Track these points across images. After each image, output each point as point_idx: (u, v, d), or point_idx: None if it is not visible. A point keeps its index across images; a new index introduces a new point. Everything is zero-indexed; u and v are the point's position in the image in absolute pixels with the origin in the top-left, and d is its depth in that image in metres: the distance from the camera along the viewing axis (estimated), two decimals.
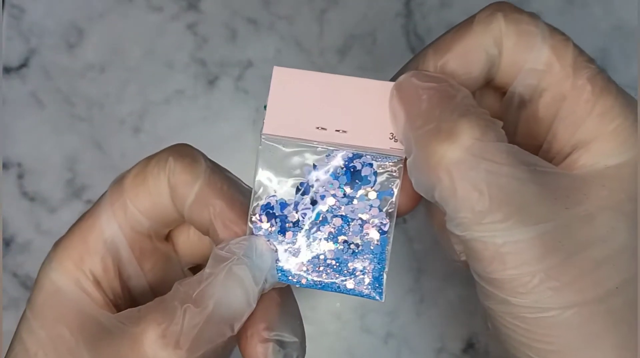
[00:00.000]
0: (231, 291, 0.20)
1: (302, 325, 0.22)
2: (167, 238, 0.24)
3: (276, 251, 0.21)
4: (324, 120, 0.21)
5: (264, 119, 0.21)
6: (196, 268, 0.26)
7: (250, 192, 0.22)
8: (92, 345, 0.20)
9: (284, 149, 0.21)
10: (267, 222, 0.21)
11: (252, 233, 0.21)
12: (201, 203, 0.21)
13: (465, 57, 0.21)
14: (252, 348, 0.21)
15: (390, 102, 0.21)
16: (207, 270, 0.20)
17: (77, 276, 0.21)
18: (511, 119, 0.22)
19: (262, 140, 0.21)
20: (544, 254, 0.18)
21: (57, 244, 0.22)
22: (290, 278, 0.21)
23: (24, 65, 0.39)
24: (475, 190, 0.18)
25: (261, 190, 0.21)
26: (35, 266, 0.38)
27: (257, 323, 0.21)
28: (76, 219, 0.23)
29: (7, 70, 0.39)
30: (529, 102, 0.22)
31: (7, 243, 0.38)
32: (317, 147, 0.21)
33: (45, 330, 0.21)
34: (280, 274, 0.21)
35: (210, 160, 0.23)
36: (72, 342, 0.20)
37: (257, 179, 0.21)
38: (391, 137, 0.21)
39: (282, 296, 0.22)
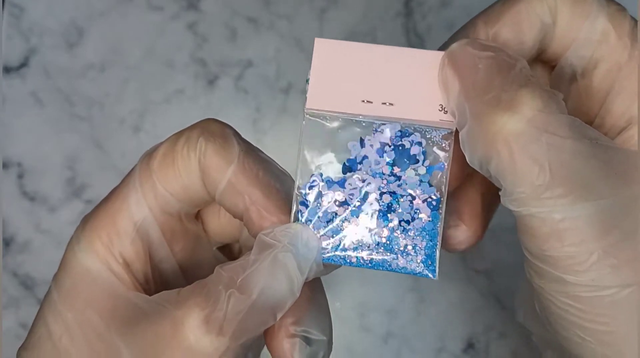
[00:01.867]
0: (276, 279, 0.19)
1: (331, 323, 0.22)
2: (197, 217, 0.24)
3: (324, 233, 0.20)
4: (370, 93, 0.20)
5: (306, 93, 0.20)
6: (225, 248, 0.26)
7: (285, 174, 0.21)
8: (126, 329, 0.20)
9: (328, 124, 0.20)
10: (315, 201, 0.20)
11: (297, 213, 0.20)
12: (235, 189, 0.21)
13: (518, 26, 0.20)
14: (278, 342, 0.20)
15: (442, 72, 0.20)
16: (252, 256, 0.19)
17: (106, 258, 0.21)
18: (563, 92, 0.21)
19: (306, 115, 0.20)
20: (604, 231, 0.17)
21: (84, 223, 0.22)
22: (339, 258, 0.20)
23: (24, 64, 0.39)
24: (535, 164, 0.17)
25: (306, 168, 0.20)
26: (35, 265, 0.38)
27: (286, 316, 0.20)
28: (104, 198, 0.22)
29: (7, 70, 0.39)
30: (581, 75, 0.21)
31: (7, 242, 0.38)
32: (363, 121, 0.20)
33: (73, 314, 0.20)
34: (329, 254, 0.20)
35: (242, 139, 0.22)
36: (102, 326, 0.20)
37: (301, 156, 0.20)
38: (440, 109, 0.20)
39: (312, 291, 0.21)
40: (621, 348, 0.18)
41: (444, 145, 0.20)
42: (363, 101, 0.20)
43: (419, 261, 0.21)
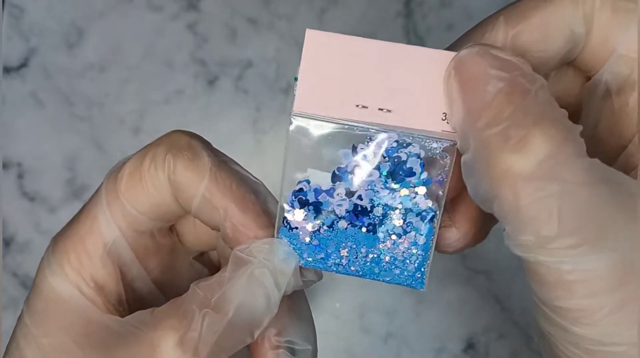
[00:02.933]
0: (252, 297, 0.18)
1: (314, 331, 0.21)
2: (171, 228, 0.23)
3: (310, 241, 0.20)
4: (366, 96, 0.18)
5: (294, 93, 0.18)
6: (203, 256, 0.25)
7: (260, 185, 0.21)
8: (102, 353, 0.19)
9: (317, 130, 0.18)
10: (300, 209, 0.19)
11: (282, 220, 0.19)
12: (209, 204, 0.20)
13: (544, 31, 0.18)
14: (262, 355, 0.20)
15: (447, 83, 0.17)
16: (227, 273, 0.19)
17: (77, 281, 0.20)
18: (593, 110, 0.19)
19: (292, 120, 0.18)
20: (617, 284, 0.15)
21: (54, 245, 0.21)
22: (326, 266, 0.20)
23: (24, 65, 0.39)
24: (543, 213, 0.15)
25: (292, 175, 0.19)
26: (35, 265, 0.38)
27: (269, 328, 0.19)
28: (72, 218, 0.22)
29: (7, 70, 0.39)
30: (616, 94, 0.19)
31: (7, 242, 0.38)
32: (357, 129, 0.18)
33: (47, 339, 0.20)
34: (317, 263, 0.20)
35: (213, 149, 0.21)
36: (77, 352, 0.19)
37: (287, 163, 0.19)
38: (444, 118, 0.18)
39: (294, 301, 0.21)
40: None
41: (444, 158, 0.18)
42: (358, 106, 0.18)
43: (407, 273, 0.20)
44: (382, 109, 0.18)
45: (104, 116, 0.39)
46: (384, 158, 0.19)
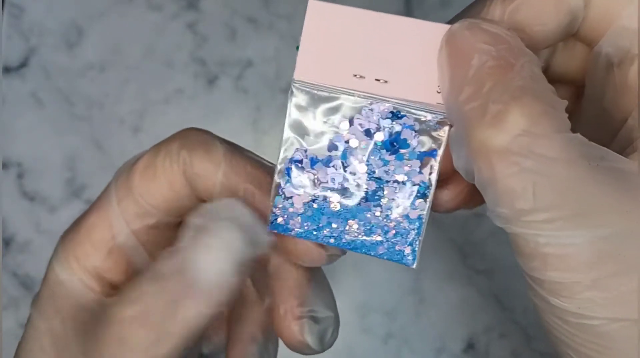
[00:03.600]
0: (204, 263, 0.18)
1: (334, 299, 0.21)
2: (180, 221, 0.23)
3: (303, 211, 0.20)
4: (364, 67, 0.18)
5: (296, 61, 0.19)
6: None
7: (270, 166, 0.21)
8: (81, 334, 0.20)
9: (316, 98, 0.19)
10: (296, 178, 0.19)
11: (278, 188, 0.20)
12: (228, 189, 0.20)
13: (542, 5, 0.18)
14: (287, 326, 0.20)
15: (439, 56, 0.18)
16: (180, 241, 0.19)
17: (80, 272, 0.21)
18: (598, 82, 0.19)
19: (293, 87, 0.19)
20: (596, 262, 0.15)
21: (63, 238, 0.22)
22: (318, 237, 0.20)
23: (23, 64, 0.39)
24: (518, 186, 0.16)
25: (290, 143, 0.19)
26: (35, 265, 0.38)
27: (290, 299, 0.20)
28: (83, 212, 0.22)
29: (7, 70, 0.39)
30: (617, 67, 0.18)
31: (7, 242, 0.38)
32: (354, 97, 0.19)
33: (44, 323, 0.20)
34: (309, 234, 0.20)
35: (224, 140, 0.21)
36: (63, 332, 0.20)
37: (286, 130, 0.19)
38: (439, 91, 0.18)
39: (312, 273, 0.21)
40: None
41: (438, 131, 0.18)
42: (355, 76, 0.18)
43: (399, 248, 0.20)
44: (378, 80, 0.18)
45: (104, 116, 0.39)
46: (379, 128, 0.19)
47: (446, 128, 0.19)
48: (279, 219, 0.20)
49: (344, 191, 0.19)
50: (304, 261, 0.21)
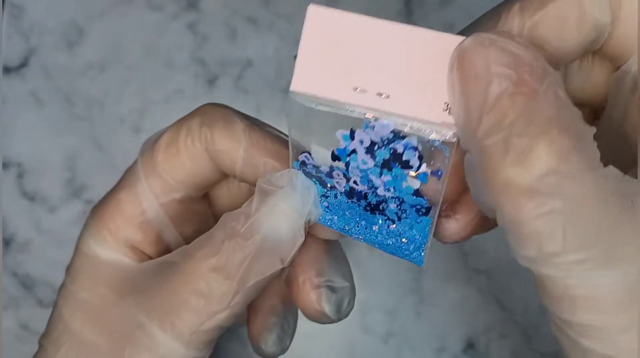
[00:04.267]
0: (277, 224, 0.19)
1: (350, 270, 0.22)
2: (205, 195, 0.24)
3: (322, 203, 0.20)
4: (365, 79, 0.17)
5: (293, 71, 0.18)
6: None
7: (287, 140, 0.21)
8: (137, 294, 0.20)
9: (314, 110, 0.17)
10: (306, 178, 0.20)
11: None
12: (251, 164, 0.21)
13: (564, 20, 0.16)
14: (305, 295, 0.21)
15: (450, 74, 0.16)
16: (254, 204, 0.20)
17: (114, 244, 0.22)
18: (620, 104, 0.18)
19: (290, 98, 0.17)
20: (629, 304, 0.14)
21: (93, 214, 0.22)
22: (335, 227, 0.20)
23: (23, 64, 0.39)
24: (546, 228, 0.14)
25: (297, 147, 0.19)
26: (35, 265, 0.38)
27: (308, 270, 0.21)
28: (109, 191, 0.23)
29: (7, 69, 0.39)
30: None
31: (7, 242, 0.38)
32: (354, 113, 0.17)
33: (83, 293, 0.21)
34: (326, 223, 0.20)
35: (244, 115, 0.22)
36: (114, 297, 0.21)
37: (290, 136, 0.19)
38: (446, 108, 0.16)
39: (328, 244, 0.22)
40: None
41: (443, 151, 0.17)
42: (356, 89, 0.17)
43: (407, 251, 0.20)
44: (380, 94, 0.17)
45: (104, 116, 0.39)
46: (380, 147, 0.17)
47: (451, 148, 0.17)
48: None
49: (351, 194, 0.20)
50: (322, 234, 0.22)
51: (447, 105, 0.16)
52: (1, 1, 0.39)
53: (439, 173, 0.17)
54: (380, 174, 0.18)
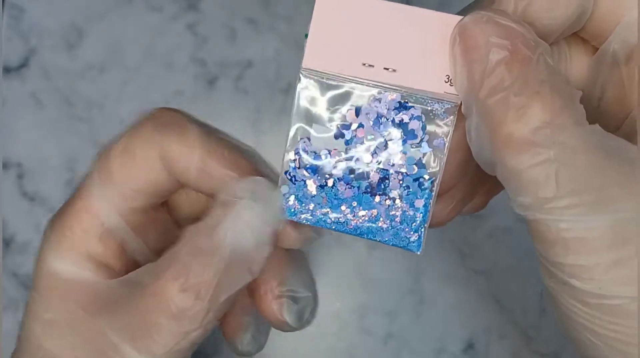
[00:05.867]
0: (243, 236, 0.19)
1: (313, 279, 0.22)
2: (163, 202, 0.24)
3: (313, 196, 0.20)
4: (372, 55, 0.18)
5: (304, 49, 0.19)
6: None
7: (248, 149, 0.21)
8: (107, 313, 0.20)
9: (324, 86, 0.19)
10: (301, 168, 0.20)
11: (286, 173, 0.20)
12: (207, 174, 0.21)
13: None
14: (267, 305, 0.21)
15: (451, 49, 0.18)
16: (214, 217, 0.19)
17: (77, 258, 0.21)
18: (601, 80, 0.20)
19: (301, 75, 0.19)
20: (616, 243, 0.16)
21: (51, 226, 0.22)
22: (324, 223, 0.20)
23: (23, 65, 0.39)
24: (541, 176, 0.16)
25: (296, 131, 0.19)
26: None
27: (270, 280, 0.21)
28: (66, 201, 0.22)
29: (7, 70, 0.39)
30: (624, 62, 0.19)
31: (7, 243, 0.38)
32: (363, 85, 0.19)
33: (52, 313, 0.21)
34: (319, 221, 0.20)
35: (200, 122, 0.21)
36: (85, 317, 0.20)
37: (293, 118, 0.19)
38: (447, 80, 0.18)
39: (291, 253, 0.22)
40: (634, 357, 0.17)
41: (445, 120, 0.19)
42: (364, 64, 0.19)
43: (404, 235, 0.20)
44: (387, 69, 0.19)
45: (103, 117, 0.39)
46: (387, 119, 0.19)
47: (453, 117, 0.19)
48: (289, 203, 0.20)
49: (349, 179, 0.20)
50: (283, 243, 0.21)
51: (449, 77, 0.18)
52: (1, 2, 0.39)
53: (442, 141, 0.19)
54: (386, 146, 0.19)
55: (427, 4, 0.39)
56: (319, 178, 0.20)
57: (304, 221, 0.20)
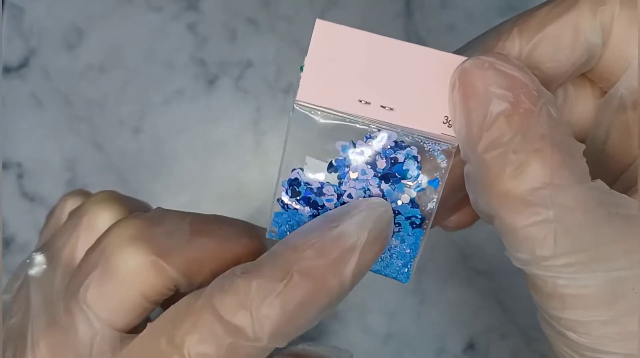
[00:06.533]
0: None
1: None
2: None
3: (305, 223, 0.19)
4: (369, 92, 0.18)
5: (299, 82, 0.18)
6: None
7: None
8: None
9: (318, 121, 0.18)
10: (292, 198, 0.19)
11: (278, 201, 0.19)
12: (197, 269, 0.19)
13: (558, 42, 0.17)
14: None
15: (451, 93, 0.17)
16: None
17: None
18: (606, 123, 0.19)
19: (295, 108, 0.18)
20: (611, 300, 0.16)
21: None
22: None
23: (23, 65, 0.39)
24: (538, 235, 0.16)
25: (291, 162, 0.19)
26: None
27: None
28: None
29: (7, 70, 0.39)
30: (630, 109, 0.18)
31: (7, 243, 0.38)
32: (357, 124, 0.18)
33: None
34: None
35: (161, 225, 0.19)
36: None
37: (286, 150, 0.19)
38: (445, 121, 0.18)
39: None
40: None
41: (441, 161, 0.18)
42: (361, 101, 0.18)
43: (394, 267, 0.20)
44: (384, 107, 0.18)
45: (103, 117, 0.39)
46: (381, 157, 0.19)
47: (449, 159, 0.18)
48: (282, 228, 0.20)
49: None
50: None
51: (447, 118, 0.18)
52: (1, 2, 0.39)
53: (436, 181, 0.19)
54: (379, 185, 0.19)
55: (427, 5, 0.39)
56: (311, 209, 0.19)
57: None
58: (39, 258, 0.20)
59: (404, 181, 0.19)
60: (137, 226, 0.19)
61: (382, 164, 0.19)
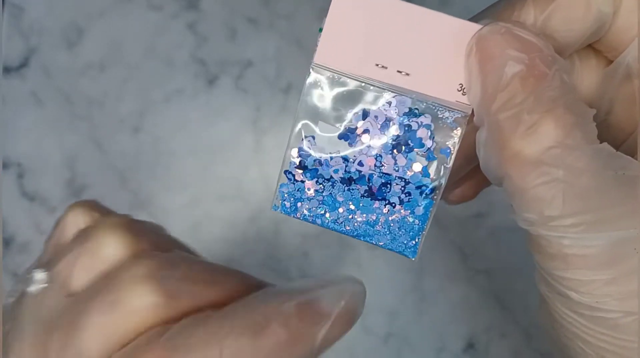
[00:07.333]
0: None
1: None
2: None
3: (311, 197, 0.19)
4: (386, 57, 0.18)
5: (317, 44, 0.18)
6: None
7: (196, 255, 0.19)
8: None
9: (334, 84, 0.18)
10: (301, 168, 0.19)
11: (285, 173, 0.19)
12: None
13: (571, 11, 0.18)
14: None
15: (467, 59, 0.18)
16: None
17: None
18: (610, 93, 0.20)
19: (311, 70, 0.18)
20: (614, 262, 0.16)
21: None
22: (322, 222, 0.20)
23: (24, 64, 0.39)
24: (547, 195, 0.16)
25: (302, 129, 0.19)
26: None
27: None
28: None
29: (7, 69, 0.39)
30: (637, 77, 0.19)
31: (7, 243, 0.38)
32: (371, 90, 0.18)
33: None
34: (316, 219, 0.19)
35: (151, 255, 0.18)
36: None
37: (298, 116, 0.18)
38: (459, 89, 0.18)
39: None
40: None
41: (454, 129, 0.18)
42: (377, 65, 0.18)
43: (401, 240, 0.20)
44: (400, 72, 0.18)
45: (104, 116, 0.39)
46: (394, 124, 0.19)
47: (461, 127, 0.19)
48: (286, 203, 0.19)
49: (349, 182, 0.19)
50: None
51: (461, 86, 0.18)
52: (1, 1, 0.39)
53: (448, 150, 0.19)
54: (391, 151, 0.19)
55: (428, 4, 0.39)
56: (318, 180, 0.19)
57: (300, 219, 0.20)
58: (41, 275, 0.20)
59: (415, 149, 0.19)
60: (152, 267, 0.18)
61: (395, 131, 0.19)
